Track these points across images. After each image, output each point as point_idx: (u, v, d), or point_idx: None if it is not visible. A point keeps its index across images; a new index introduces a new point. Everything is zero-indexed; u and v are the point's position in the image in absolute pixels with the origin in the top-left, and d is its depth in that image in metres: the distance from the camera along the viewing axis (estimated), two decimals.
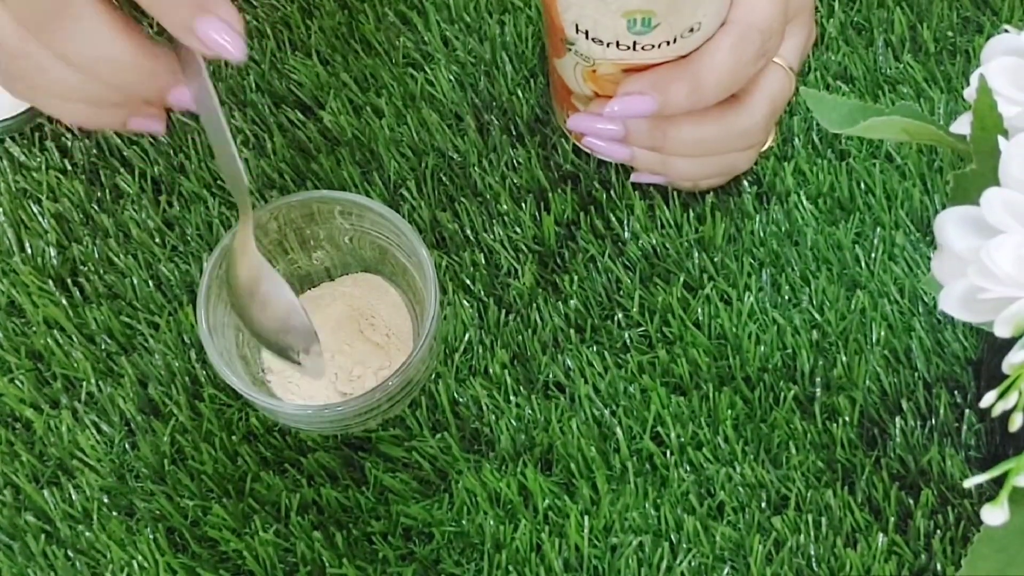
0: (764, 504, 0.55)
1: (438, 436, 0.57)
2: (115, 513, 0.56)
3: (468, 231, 0.61)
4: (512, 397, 0.57)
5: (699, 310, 0.59)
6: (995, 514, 0.36)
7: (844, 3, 0.65)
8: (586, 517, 0.55)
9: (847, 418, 0.56)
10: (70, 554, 0.55)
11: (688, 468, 0.56)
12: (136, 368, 0.58)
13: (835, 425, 0.56)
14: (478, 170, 0.62)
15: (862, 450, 0.56)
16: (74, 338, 0.59)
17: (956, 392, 0.57)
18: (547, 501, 0.55)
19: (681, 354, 0.58)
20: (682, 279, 0.59)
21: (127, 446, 0.57)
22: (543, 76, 0.64)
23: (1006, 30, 0.43)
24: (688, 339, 0.58)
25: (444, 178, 0.62)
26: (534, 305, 0.59)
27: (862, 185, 0.61)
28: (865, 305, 0.59)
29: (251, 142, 0.63)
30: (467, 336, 0.58)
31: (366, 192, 0.61)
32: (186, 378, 0.58)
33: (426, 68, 0.64)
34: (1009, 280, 0.36)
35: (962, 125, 0.42)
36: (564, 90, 0.57)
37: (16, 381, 0.58)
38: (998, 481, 0.37)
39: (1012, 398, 0.36)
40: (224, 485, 0.56)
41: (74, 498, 0.56)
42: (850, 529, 0.55)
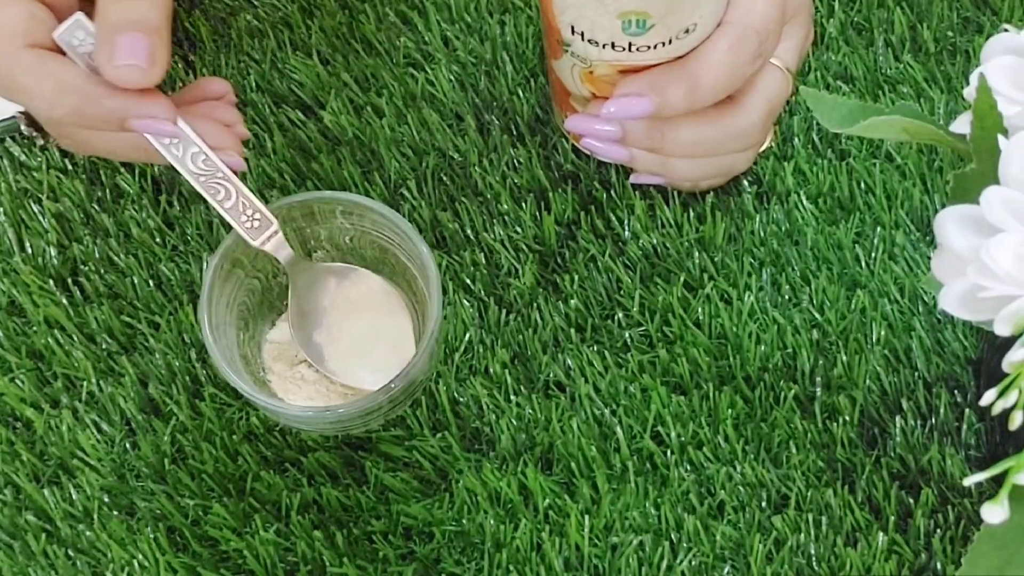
0: (764, 503, 0.55)
1: (439, 435, 0.57)
2: (116, 512, 0.56)
3: (468, 231, 0.61)
4: (512, 396, 0.57)
5: (699, 310, 0.59)
6: (995, 512, 0.36)
7: (844, 3, 0.65)
8: (586, 516, 0.55)
9: (847, 417, 0.57)
10: (71, 553, 0.55)
11: (688, 467, 0.56)
12: (137, 367, 0.58)
13: (835, 424, 0.56)
14: (478, 170, 0.62)
15: (862, 449, 0.56)
16: (75, 338, 0.59)
17: (956, 391, 0.57)
18: (547, 500, 0.55)
19: (681, 353, 0.58)
20: (682, 279, 0.59)
21: (128, 445, 0.57)
22: (543, 76, 0.64)
23: (1006, 29, 0.43)
24: (688, 339, 0.58)
25: (444, 178, 0.62)
26: (534, 305, 0.59)
27: (862, 185, 0.61)
28: (865, 305, 0.59)
29: (251, 142, 0.63)
30: (467, 336, 0.59)
31: (366, 192, 0.61)
32: (186, 377, 0.58)
33: (427, 68, 0.64)
34: (1009, 278, 0.36)
35: (962, 124, 0.42)
36: (562, 91, 0.57)
37: (17, 380, 0.58)
38: (998, 480, 0.37)
39: (1012, 396, 0.36)
40: (225, 484, 0.56)
41: (75, 497, 0.56)
42: (850, 528, 0.55)
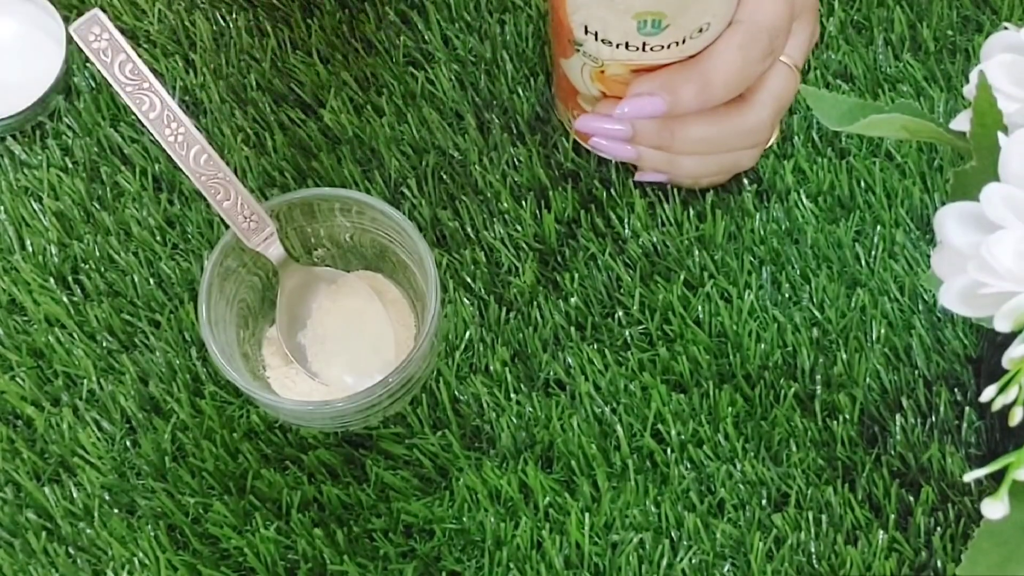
0: (764, 501, 0.56)
1: (439, 433, 0.57)
2: (116, 510, 0.56)
3: (469, 229, 0.61)
4: (513, 395, 0.58)
5: (699, 308, 0.59)
6: (995, 508, 0.36)
7: (844, 2, 0.66)
8: (587, 514, 0.55)
9: (847, 415, 0.57)
10: (71, 551, 0.55)
11: (688, 465, 0.56)
12: (137, 366, 0.58)
13: (835, 422, 0.56)
14: (479, 168, 0.62)
15: (862, 447, 0.56)
16: (75, 336, 0.59)
17: (956, 389, 0.57)
18: (548, 498, 0.55)
19: (681, 352, 0.58)
20: (682, 277, 0.59)
21: (128, 443, 0.57)
22: (543, 75, 0.64)
23: (1006, 27, 0.43)
24: (688, 337, 0.58)
25: (445, 176, 0.62)
26: (535, 303, 0.59)
27: (862, 183, 0.61)
28: (865, 303, 0.59)
29: (252, 140, 0.63)
30: (468, 334, 0.59)
31: (367, 190, 0.61)
32: (187, 375, 0.58)
33: (426, 67, 0.64)
34: (1009, 275, 0.36)
35: (962, 122, 0.42)
36: (570, 90, 0.57)
37: (17, 378, 0.58)
38: (998, 477, 0.37)
39: (1012, 392, 0.36)
40: (225, 482, 0.56)
41: (75, 495, 0.56)
42: (850, 526, 0.55)
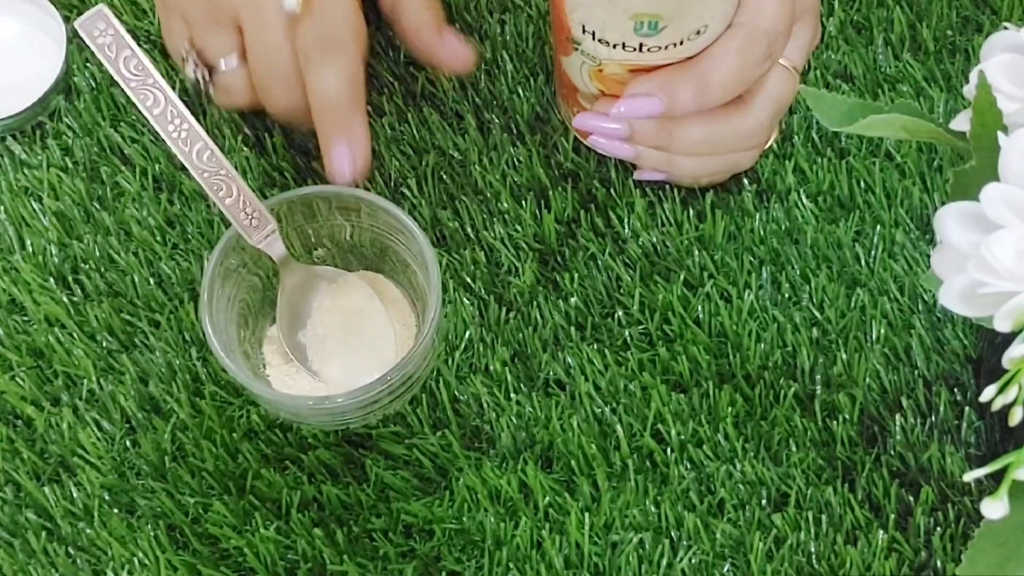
0: (764, 501, 0.56)
1: (439, 433, 0.57)
2: (116, 510, 0.56)
3: (469, 229, 0.61)
4: (513, 395, 0.58)
5: (699, 308, 0.59)
6: (995, 508, 0.36)
7: (844, 2, 0.66)
8: (586, 514, 0.55)
9: (847, 415, 0.57)
10: (71, 551, 0.55)
11: (688, 465, 0.56)
12: (137, 365, 0.58)
13: (835, 422, 0.56)
14: (479, 168, 0.62)
15: (862, 447, 0.56)
16: (75, 335, 0.59)
17: (956, 389, 0.57)
18: (547, 498, 0.56)
19: (681, 352, 0.58)
20: (682, 277, 0.59)
21: (128, 443, 0.57)
22: (543, 75, 0.64)
23: (1006, 27, 0.43)
24: (688, 337, 0.58)
25: (445, 176, 0.62)
26: (535, 303, 0.59)
27: (862, 183, 0.61)
28: (865, 303, 0.59)
29: (251, 141, 0.63)
30: (468, 334, 0.59)
31: (366, 191, 0.61)
32: (187, 375, 0.58)
33: (426, 67, 0.64)
34: (1009, 274, 0.36)
35: (962, 122, 0.42)
36: (570, 88, 0.57)
37: (17, 378, 0.58)
38: (998, 477, 0.37)
39: (1012, 392, 0.36)
40: (225, 482, 0.56)
41: (75, 495, 0.56)
42: (850, 526, 0.55)
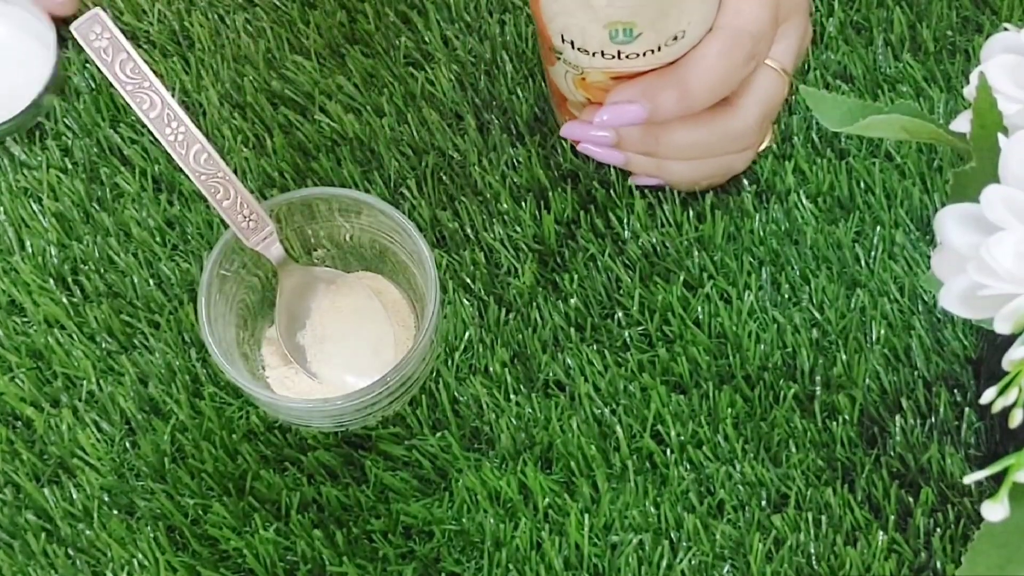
0: (764, 502, 0.55)
1: (438, 434, 0.57)
2: (115, 512, 0.56)
3: (468, 230, 0.61)
4: (512, 395, 0.57)
5: (699, 309, 0.59)
6: (995, 510, 0.36)
7: (844, 2, 0.66)
8: (586, 515, 0.55)
9: (847, 416, 0.57)
10: (71, 553, 0.55)
11: (688, 466, 0.56)
12: (136, 367, 0.58)
13: (835, 423, 0.56)
14: (478, 169, 0.62)
15: (862, 448, 0.56)
16: (74, 337, 0.59)
17: (956, 390, 0.57)
18: (547, 499, 0.55)
19: (681, 353, 0.58)
20: (682, 278, 0.59)
21: (127, 444, 0.57)
22: (542, 76, 0.64)
23: (1006, 28, 0.43)
24: (688, 338, 0.58)
25: (444, 177, 0.62)
26: (534, 304, 0.59)
27: (862, 184, 0.61)
28: (865, 304, 0.59)
29: (251, 142, 0.63)
30: (467, 335, 0.59)
31: (366, 191, 0.61)
32: (186, 376, 0.58)
33: (426, 67, 0.64)
34: (1009, 276, 0.36)
35: (962, 123, 0.42)
36: (559, 96, 0.58)
37: (17, 380, 0.58)
38: (998, 479, 0.37)
39: (1012, 394, 0.36)
40: (224, 483, 0.56)
41: (75, 496, 0.56)
42: (850, 527, 0.55)
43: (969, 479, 0.36)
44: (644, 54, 0.51)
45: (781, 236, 0.60)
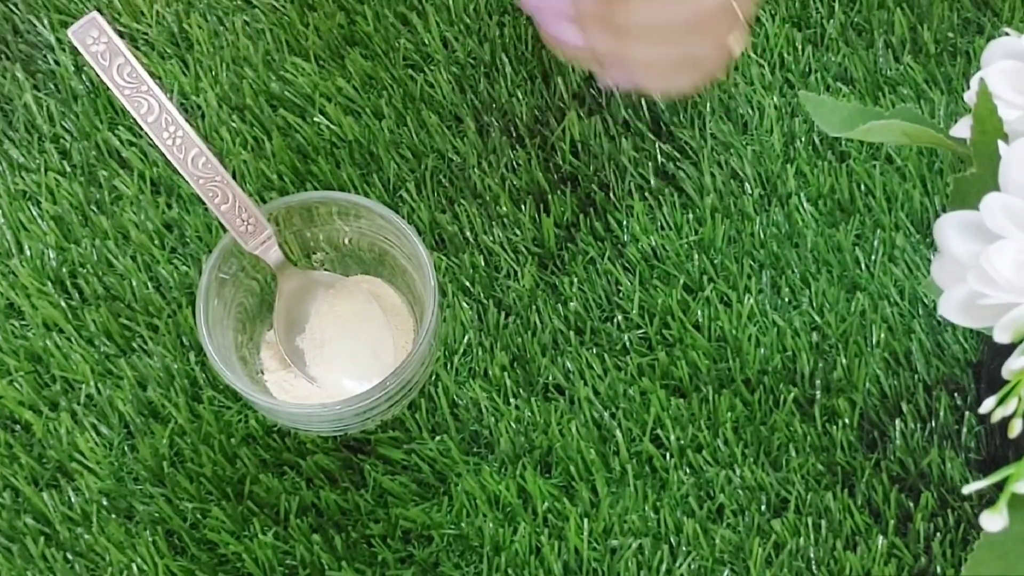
0: (764, 507, 0.55)
1: (437, 438, 0.57)
2: (114, 516, 0.56)
3: (467, 233, 0.61)
4: (512, 399, 0.57)
5: (699, 312, 0.59)
6: (994, 520, 0.35)
7: (844, 4, 0.65)
8: (586, 520, 0.55)
9: (847, 420, 0.56)
10: (69, 557, 0.55)
11: (688, 471, 0.56)
12: (135, 370, 0.58)
13: (835, 427, 0.56)
14: (478, 172, 0.62)
15: (862, 453, 0.56)
16: (73, 340, 0.59)
17: (956, 394, 0.57)
18: (546, 504, 0.55)
19: (681, 356, 0.58)
20: (682, 281, 0.59)
21: (126, 448, 0.57)
22: (542, 78, 0.64)
23: (1006, 32, 0.42)
24: (688, 341, 0.58)
25: (444, 180, 0.62)
26: (534, 307, 0.59)
27: (862, 187, 0.61)
28: (865, 307, 0.58)
29: (250, 144, 0.63)
30: (466, 338, 0.58)
31: (365, 194, 0.61)
32: (185, 380, 0.58)
33: (426, 70, 0.64)
34: (1009, 286, 0.36)
35: (962, 129, 0.42)
36: None
37: (15, 383, 0.58)
38: (998, 485, 0.36)
39: (1011, 404, 0.36)
40: (223, 487, 0.56)
41: (73, 500, 0.56)
42: (850, 532, 0.55)
43: (968, 489, 0.36)
44: None
45: (781, 239, 0.60)
